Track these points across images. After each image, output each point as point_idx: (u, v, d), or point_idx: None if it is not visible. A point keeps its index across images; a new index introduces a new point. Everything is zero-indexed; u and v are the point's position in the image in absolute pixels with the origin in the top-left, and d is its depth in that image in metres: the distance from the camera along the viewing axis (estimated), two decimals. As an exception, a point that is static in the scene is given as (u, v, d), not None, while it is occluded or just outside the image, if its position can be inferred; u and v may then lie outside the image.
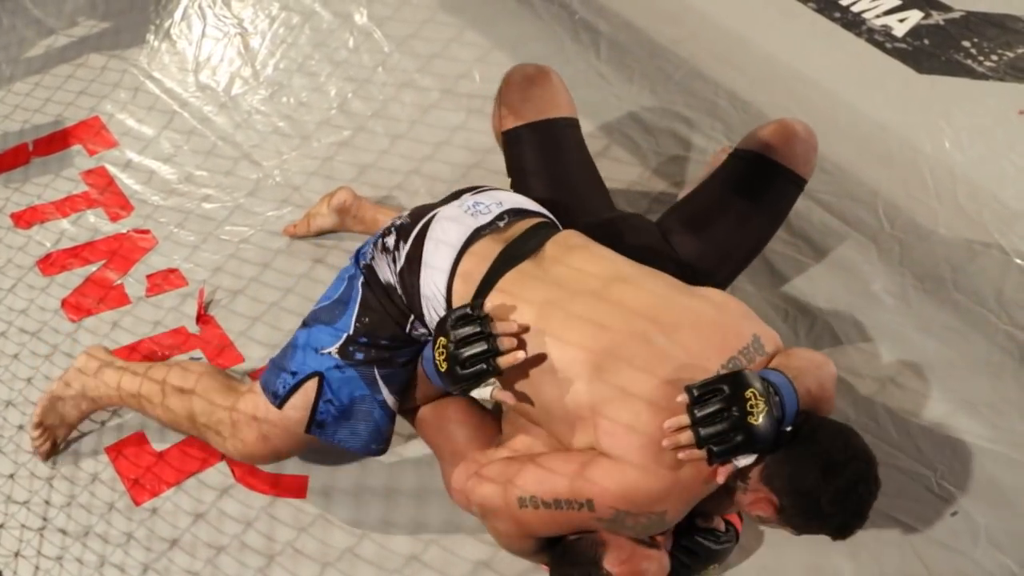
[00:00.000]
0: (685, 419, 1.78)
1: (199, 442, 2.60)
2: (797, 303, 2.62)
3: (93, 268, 3.14)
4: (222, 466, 2.62)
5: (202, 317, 2.93)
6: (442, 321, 1.96)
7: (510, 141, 2.55)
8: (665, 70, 3.21)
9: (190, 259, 3.10)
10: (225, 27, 3.75)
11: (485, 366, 1.89)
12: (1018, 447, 2.33)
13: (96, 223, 3.27)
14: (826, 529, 1.91)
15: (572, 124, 2.58)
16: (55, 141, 3.55)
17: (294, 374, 2.24)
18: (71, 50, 3.87)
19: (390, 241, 2.20)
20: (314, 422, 2.24)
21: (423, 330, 2.19)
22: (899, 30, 3.20)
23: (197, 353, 2.87)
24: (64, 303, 3.06)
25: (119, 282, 3.09)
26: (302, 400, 2.23)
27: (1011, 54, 3.07)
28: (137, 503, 2.61)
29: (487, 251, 2.09)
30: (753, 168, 2.41)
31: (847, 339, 2.56)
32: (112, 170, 3.42)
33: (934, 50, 3.12)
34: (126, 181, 3.37)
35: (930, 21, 3.21)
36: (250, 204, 3.21)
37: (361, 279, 2.23)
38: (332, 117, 3.39)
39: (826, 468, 1.83)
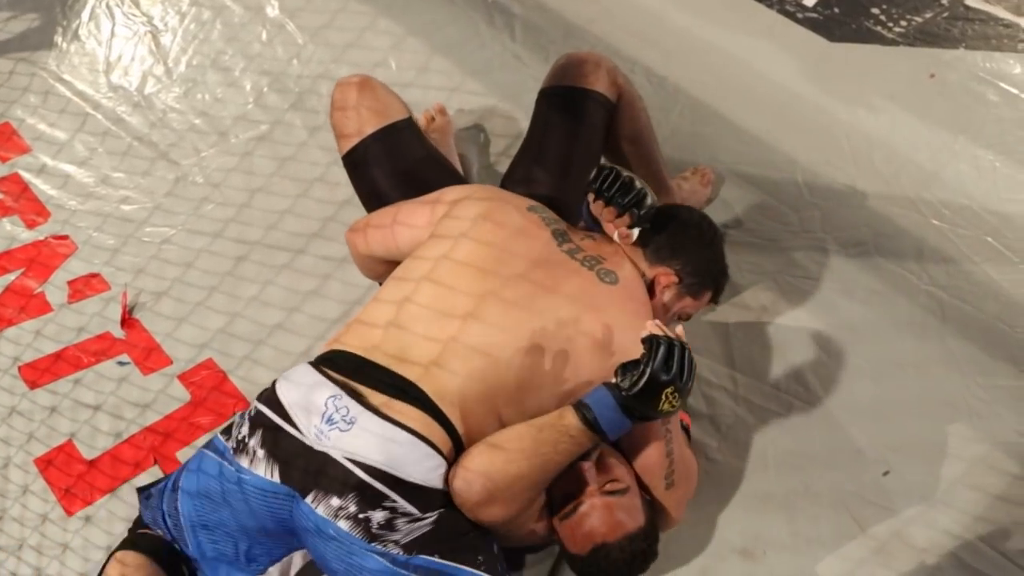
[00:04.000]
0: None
1: (130, 448, 2.57)
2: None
3: (12, 277, 3.08)
4: (155, 471, 2.59)
5: (127, 321, 2.89)
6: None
7: (355, 162, 2.53)
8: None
9: (111, 263, 3.06)
10: (135, 25, 3.69)
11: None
12: (944, 405, 2.37)
13: (12, 231, 3.21)
14: (713, 271, 2.30)
15: (408, 125, 2.56)
16: (-35, 150, 3.48)
17: None
18: (-24, 56, 3.79)
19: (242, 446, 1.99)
20: None
21: None
22: (809, 0, 3.23)
23: (124, 358, 2.83)
24: (-17, 314, 3.01)
25: (39, 290, 3.04)
26: None
27: (919, 19, 3.12)
28: (70, 513, 2.57)
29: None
30: (554, 100, 2.51)
31: (773, 307, 2.59)
32: (26, 176, 3.35)
33: (844, 18, 3.16)
34: (41, 187, 3.31)
35: (839, -11, 3.25)
36: (170, 204, 3.17)
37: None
38: (249, 112, 3.35)
39: (689, 226, 2.29)
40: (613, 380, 1.87)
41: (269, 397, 1.99)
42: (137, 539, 2.10)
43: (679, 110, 2.99)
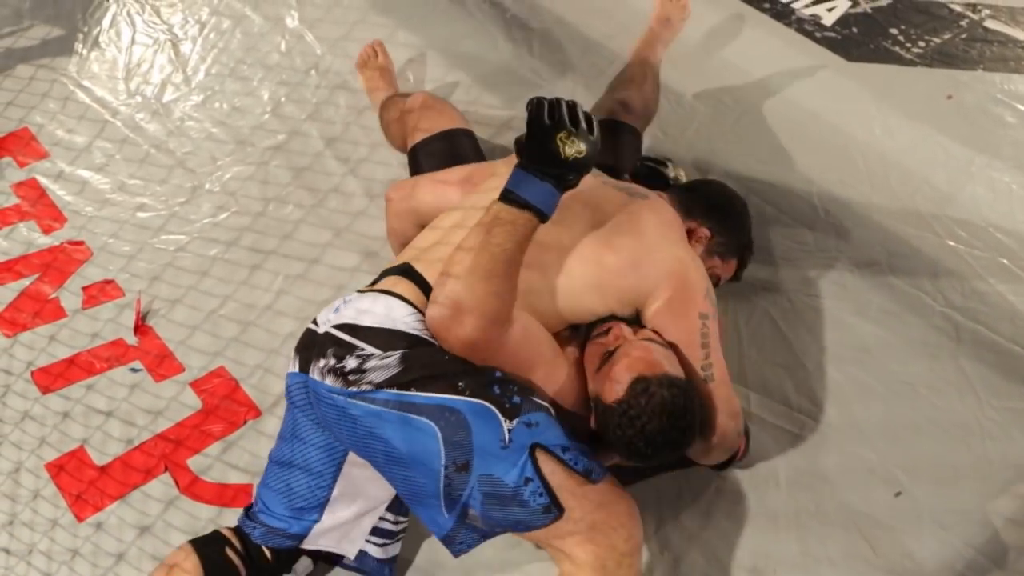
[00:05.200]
0: None
1: (141, 454, 2.57)
2: (735, 291, 2.63)
3: (27, 282, 3.09)
4: (166, 478, 2.59)
5: (140, 328, 2.90)
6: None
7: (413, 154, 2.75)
8: (598, 65, 3.21)
9: (126, 269, 3.07)
10: (155, 33, 3.71)
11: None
12: (957, 426, 2.36)
13: (29, 236, 3.22)
14: (742, 240, 2.46)
15: (467, 133, 2.79)
16: (-17, 154, 3.50)
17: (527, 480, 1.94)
18: (-3, 61, 3.82)
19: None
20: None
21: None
22: (828, 19, 3.24)
23: (137, 364, 2.83)
24: (-2, 319, 3.02)
25: (54, 295, 3.05)
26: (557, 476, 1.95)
27: (938, 40, 3.12)
28: (80, 519, 2.57)
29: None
30: None
31: (786, 326, 2.58)
32: (44, 181, 3.37)
33: (863, 38, 3.16)
34: (58, 192, 3.33)
35: (858, 9, 3.25)
36: (186, 212, 3.18)
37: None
38: (266, 121, 3.36)
39: (723, 194, 2.49)
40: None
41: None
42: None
43: (695, 127, 2.99)
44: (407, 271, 2.11)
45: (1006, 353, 2.44)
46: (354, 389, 1.94)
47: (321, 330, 2.06)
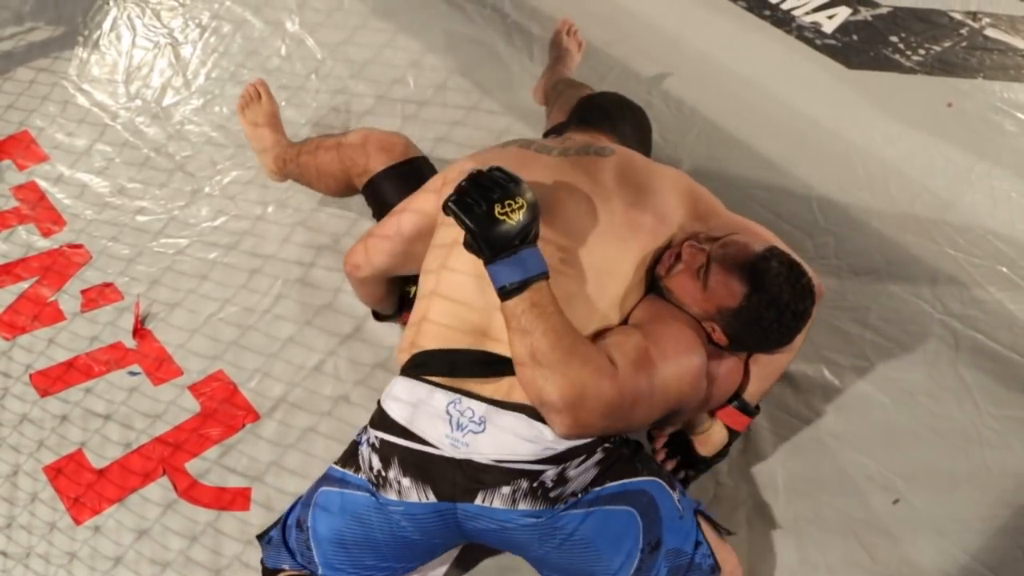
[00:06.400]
0: None
1: (140, 458, 2.57)
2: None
3: (26, 285, 3.09)
4: (164, 481, 2.59)
5: (139, 331, 2.89)
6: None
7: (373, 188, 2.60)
8: (598, 71, 3.22)
9: (125, 272, 3.06)
10: (155, 37, 3.71)
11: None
12: (955, 434, 2.36)
13: (28, 239, 3.22)
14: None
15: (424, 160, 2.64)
16: (-17, 157, 3.50)
17: None
18: (-3, 64, 3.82)
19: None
20: None
21: None
22: (828, 27, 3.24)
23: (135, 368, 2.83)
24: (-3, 321, 3.02)
25: (53, 298, 3.05)
26: (710, 534, 2.01)
27: (938, 48, 3.12)
28: (78, 522, 2.57)
29: None
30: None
31: (786, 333, 2.58)
32: (43, 184, 3.37)
33: (863, 46, 3.16)
34: (58, 195, 3.33)
35: (858, 17, 3.26)
36: (185, 215, 3.18)
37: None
38: (266, 125, 3.35)
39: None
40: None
41: (384, 422, 1.99)
42: None
43: (695, 134, 3.00)
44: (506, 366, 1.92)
45: (1005, 361, 2.45)
46: (561, 505, 1.89)
47: (461, 455, 1.89)
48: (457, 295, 2.00)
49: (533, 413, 1.88)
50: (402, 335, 2.15)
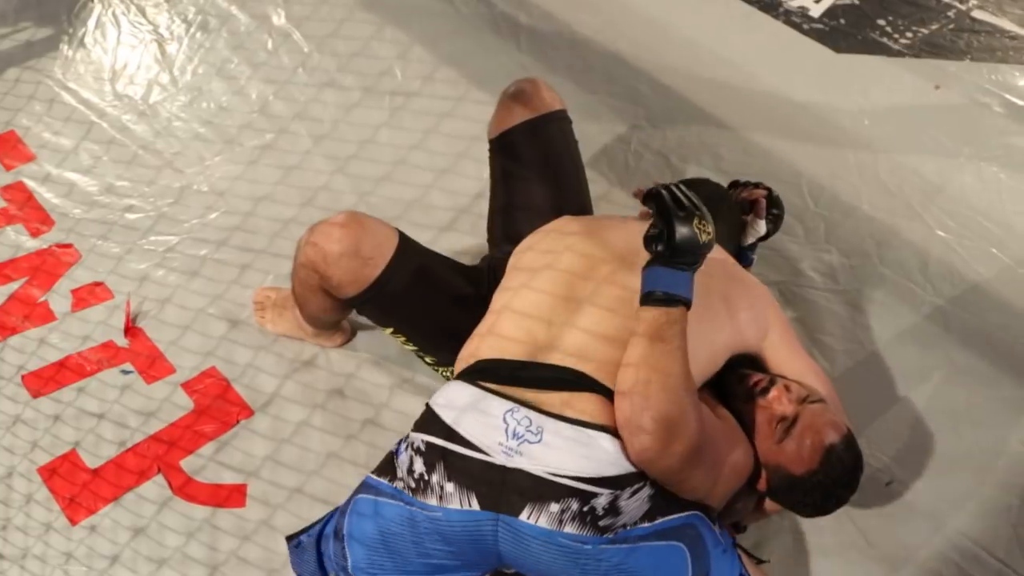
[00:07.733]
0: None
1: (134, 456, 2.56)
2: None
3: (16, 286, 3.08)
4: (159, 479, 2.58)
5: (130, 329, 2.89)
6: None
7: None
8: (586, 59, 3.22)
9: (115, 271, 3.05)
10: (140, 34, 3.70)
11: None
12: (947, 414, 2.37)
13: (17, 239, 3.20)
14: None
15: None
16: (-31, 158, 3.48)
17: None
18: (-18, 63, 3.80)
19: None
20: None
21: None
22: (815, 10, 3.24)
23: (128, 367, 2.82)
24: (-13, 322, 3.01)
25: (43, 298, 3.04)
26: (749, 565, 2.02)
27: (925, 30, 3.12)
28: (74, 522, 2.56)
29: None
30: (527, 138, 2.50)
31: (777, 318, 2.59)
32: (30, 184, 3.35)
33: (850, 29, 3.16)
34: (45, 195, 3.31)
35: (846, 1, 3.26)
36: (174, 212, 3.17)
37: None
38: (254, 120, 3.35)
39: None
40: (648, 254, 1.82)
41: (433, 426, 1.91)
42: None
43: (683, 119, 3.00)
44: (570, 380, 1.90)
45: (996, 342, 2.45)
46: (610, 535, 1.80)
47: (513, 464, 1.81)
48: (532, 310, 2.00)
49: (592, 429, 1.83)
50: (464, 345, 2.09)
